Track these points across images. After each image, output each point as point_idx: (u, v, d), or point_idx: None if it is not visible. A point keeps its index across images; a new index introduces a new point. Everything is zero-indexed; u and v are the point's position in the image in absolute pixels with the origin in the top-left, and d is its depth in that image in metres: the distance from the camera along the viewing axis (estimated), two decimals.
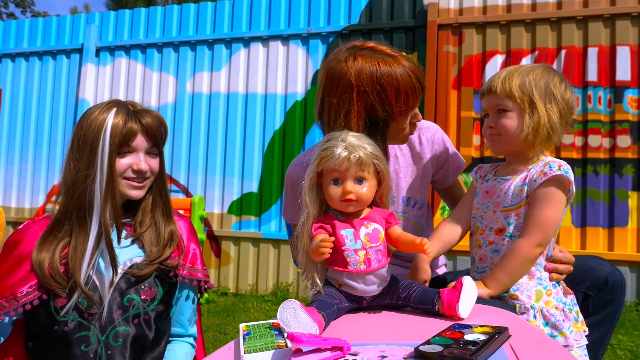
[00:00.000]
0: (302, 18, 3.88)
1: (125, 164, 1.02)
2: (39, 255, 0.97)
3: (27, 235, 1.02)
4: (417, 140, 1.29)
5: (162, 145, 1.09)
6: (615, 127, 3.16)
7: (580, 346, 1.01)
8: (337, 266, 0.89)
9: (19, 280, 0.97)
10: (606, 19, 3.21)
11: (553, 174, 1.01)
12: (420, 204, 1.30)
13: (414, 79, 1.07)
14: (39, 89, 4.50)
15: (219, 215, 3.93)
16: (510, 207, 1.07)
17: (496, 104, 1.07)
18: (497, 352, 0.65)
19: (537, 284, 1.05)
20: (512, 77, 1.06)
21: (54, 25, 4.53)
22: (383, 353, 0.68)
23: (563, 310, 1.02)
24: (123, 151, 1.02)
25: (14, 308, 0.94)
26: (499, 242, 1.07)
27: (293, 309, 0.76)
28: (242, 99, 3.97)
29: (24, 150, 4.47)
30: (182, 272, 1.06)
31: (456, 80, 3.48)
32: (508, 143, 1.07)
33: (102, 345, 0.97)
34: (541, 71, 1.07)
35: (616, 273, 1.12)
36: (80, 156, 1.00)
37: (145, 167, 1.03)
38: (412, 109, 1.10)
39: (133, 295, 1.01)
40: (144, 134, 1.03)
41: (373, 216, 0.92)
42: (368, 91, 1.04)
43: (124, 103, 1.05)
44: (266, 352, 0.70)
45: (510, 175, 1.09)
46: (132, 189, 1.04)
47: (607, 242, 3.14)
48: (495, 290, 1.01)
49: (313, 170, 0.91)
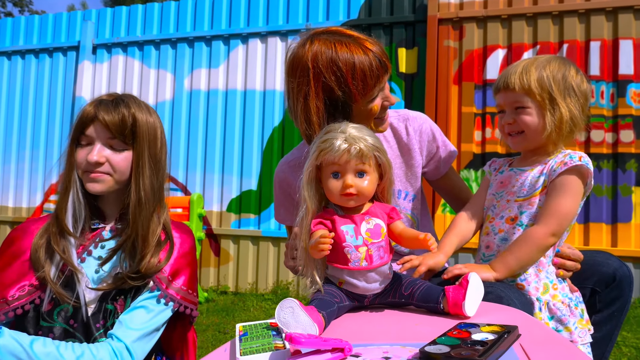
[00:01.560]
0: (300, 14, 3.84)
1: (81, 155, 0.98)
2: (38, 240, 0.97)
3: (23, 233, 1.00)
4: (404, 131, 1.26)
5: (129, 140, 0.99)
6: (619, 121, 3.12)
7: (584, 343, 1.00)
8: (337, 263, 0.86)
9: (12, 281, 0.94)
10: (609, 12, 3.17)
11: (574, 163, 1.00)
12: (412, 196, 1.26)
13: (371, 57, 1.04)
14: (35, 87, 4.46)
15: (218, 213, 3.90)
16: (526, 197, 1.05)
17: (514, 101, 1.05)
18: (507, 352, 0.62)
19: (545, 277, 1.03)
20: (529, 72, 1.03)
21: (50, 22, 4.48)
22: (386, 354, 0.65)
23: (569, 305, 1.01)
24: (82, 142, 0.98)
25: (4, 312, 0.92)
26: (509, 230, 1.06)
27: (292, 308, 0.72)
28: (241, 96, 3.93)
29: (20, 149, 4.43)
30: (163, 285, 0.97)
31: (457, 76, 3.44)
32: (531, 140, 1.05)
33: None
34: (557, 64, 1.05)
35: (624, 268, 1.09)
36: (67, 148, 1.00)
37: (96, 158, 0.95)
38: (372, 89, 1.06)
39: (109, 305, 0.97)
40: (98, 124, 0.97)
41: (374, 211, 0.88)
42: (323, 71, 1.03)
43: (109, 94, 1.02)
44: (263, 354, 0.66)
45: (527, 167, 1.08)
46: (88, 182, 0.98)
47: (611, 238, 3.11)
48: (501, 275, 0.99)
49: (312, 164, 0.87)
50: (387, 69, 1.08)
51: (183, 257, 1.03)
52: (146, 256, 0.96)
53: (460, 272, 0.97)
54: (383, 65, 1.06)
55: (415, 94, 3.54)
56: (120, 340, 0.91)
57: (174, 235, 1.04)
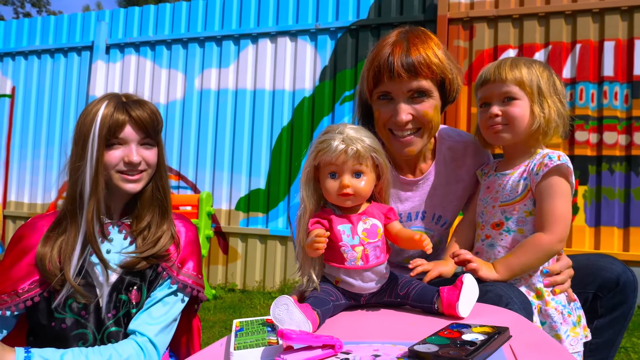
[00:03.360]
0: (310, 14, 3.85)
1: (116, 156, 1.00)
2: (42, 249, 0.97)
3: (31, 229, 1.02)
4: (463, 159, 1.22)
5: (156, 136, 1.05)
6: (632, 123, 3.06)
7: (575, 352, 0.99)
8: (334, 262, 0.87)
9: (22, 276, 0.97)
10: (624, 12, 3.11)
11: (554, 164, 1.00)
12: (449, 223, 1.24)
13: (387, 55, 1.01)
14: (50, 86, 4.56)
15: (226, 211, 3.94)
16: (508, 202, 1.06)
17: (504, 92, 1.04)
18: (496, 353, 0.62)
19: (538, 281, 1.03)
20: (518, 66, 1.04)
21: (65, 23, 4.58)
22: (377, 352, 0.65)
23: (562, 313, 1.00)
24: (113, 143, 1.00)
25: (15, 303, 0.95)
26: (495, 236, 1.06)
27: (286, 305, 0.74)
28: (250, 95, 3.96)
29: (36, 146, 4.53)
30: (174, 272, 1.02)
31: (467, 76, 3.41)
32: (516, 133, 1.04)
33: (98, 343, 0.97)
34: (540, 64, 1.07)
35: (628, 273, 1.07)
36: (75, 149, 1.01)
37: (137, 158, 1.00)
38: (379, 87, 1.04)
39: (123, 295, 0.99)
40: (133, 125, 1.00)
41: (372, 211, 0.89)
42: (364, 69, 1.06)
43: (117, 95, 1.04)
44: (256, 349, 0.68)
45: (508, 170, 1.08)
46: (126, 183, 1.01)
47: (622, 242, 3.05)
48: (502, 277, 0.99)
49: (310, 164, 0.88)
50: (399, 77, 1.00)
51: (190, 245, 1.08)
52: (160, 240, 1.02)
53: (470, 259, 0.99)
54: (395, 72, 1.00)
55: None
56: (143, 334, 0.96)
57: (177, 224, 1.10)
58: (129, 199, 1.06)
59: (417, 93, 1.04)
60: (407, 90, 1.03)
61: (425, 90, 1.04)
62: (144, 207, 1.05)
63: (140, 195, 1.05)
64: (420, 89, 1.03)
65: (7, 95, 4.67)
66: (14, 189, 4.56)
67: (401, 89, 1.03)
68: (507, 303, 0.88)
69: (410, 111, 1.04)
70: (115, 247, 1.02)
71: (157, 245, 1.01)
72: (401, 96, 1.04)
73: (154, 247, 1.01)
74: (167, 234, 1.04)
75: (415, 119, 1.06)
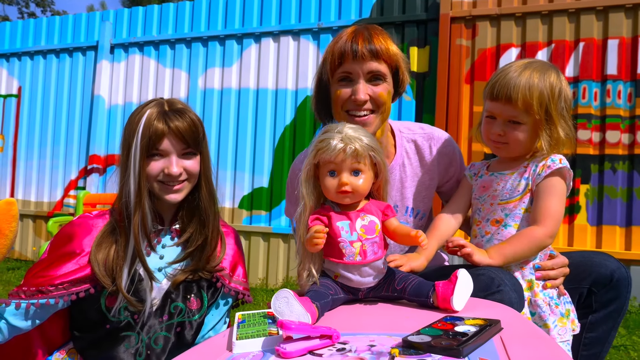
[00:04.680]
0: (312, 13, 3.87)
1: (157, 167, 0.99)
2: (96, 256, 0.97)
3: (82, 229, 1.02)
4: (428, 150, 1.27)
5: (198, 145, 1.03)
6: (636, 122, 3.06)
7: (563, 341, 1.03)
8: (333, 257, 0.89)
9: (70, 272, 0.97)
10: (628, 9, 3.10)
11: (556, 166, 1.06)
12: (422, 214, 1.29)
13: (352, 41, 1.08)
14: (56, 85, 4.61)
15: (230, 210, 3.97)
16: (509, 200, 1.09)
17: (511, 115, 1.06)
18: (487, 344, 0.65)
19: (530, 274, 1.06)
20: (531, 88, 1.02)
21: (70, 23, 4.63)
22: (372, 342, 0.68)
23: (549, 304, 1.04)
24: (154, 154, 0.99)
25: (60, 295, 0.95)
26: (494, 232, 1.10)
27: (286, 298, 0.76)
28: (253, 95, 3.99)
29: (42, 145, 4.59)
30: (227, 282, 1.07)
31: (469, 75, 3.42)
32: (513, 152, 1.10)
33: (144, 345, 0.99)
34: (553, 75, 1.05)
35: (622, 269, 1.10)
36: (122, 158, 1.01)
37: (177, 170, 0.99)
38: (341, 67, 1.10)
39: (179, 303, 1.02)
40: (172, 136, 0.98)
41: (370, 208, 0.91)
42: (326, 51, 1.12)
43: (161, 102, 1.02)
44: (257, 339, 0.71)
45: (507, 170, 1.12)
46: (167, 193, 1.01)
47: (625, 241, 3.05)
48: (495, 262, 1.03)
49: (310, 162, 0.91)
50: (376, 56, 1.09)
51: (238, 251, 1.12)
52: (214, 250, 1.05)
53: (464, 244, 1.03)
54: (371, 51, 1.08)
55: (427, 93, 3.54)
56: None
57: (223, 230, 1.12)
58: (179, 205, 1.06)
59: (374, 77, 1.12)
60: (367, 71, 1.11)
61: (382, 74, 1.12)
62: (188, 217, 1.05)
63: (183, 204, 1.05)
64: (378, 72, 1.11)
65: (13, 95, 4.72)
66: (20, 187, 4.62)
67: (362, 69, 1.11)
68: (499, 285, 0.91)
69: (368, 91, 1.12)
70: (168, 254, 1.04)
71: (203, 258, 1.03)
72: (361, 77, 1.12)
73: (199, 258, 1.03)
74: (208, 243, 1.04)
75: (372, 99, 1.13)
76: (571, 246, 3.10)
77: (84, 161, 4.42)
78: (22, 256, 4.53)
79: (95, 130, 4.32)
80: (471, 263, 1.02)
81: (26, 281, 0.98)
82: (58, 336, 1.02)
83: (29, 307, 0.94)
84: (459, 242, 1.03)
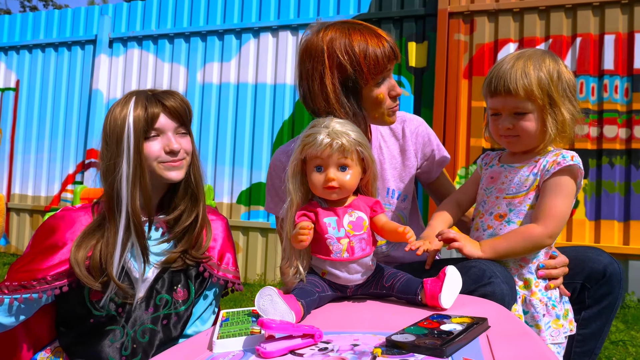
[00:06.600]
0: (311, 8, 3.84)
1: (156, 147, 1.00)
2: (77, 253, 0.95)
3: (64, 222, 1.01)
4: (401, 132, 1.28)
5: (189, 124, 1.06)
6: (633, 117, 3.04)
7: (555, 343, 1.00)
8: (320, 254, 0.88)
9: (53, 265, 0.96)
10: (624, 5, 3.08)
11: (567, 163, 1.01)
12: (404, 196, 1.28)
13: (383, 42, 1.09)
14: (54, 79, 4.59)
15: (228, 205, 3.97)
16: (515, 195, 1.06)
17: (514, 107, 1.03)
18: (472, 343, 0.64)
19: (528, 272, 1.04)
20: (529, 75, 1.00)
21: (69, 17, 4.60)
22: (356, 341, 0.67)
23: (546, 305, 1.01)
24: (151, 135, 1.00)
25: (43, 290, 0.94)
26: (497, 227, 1.07)
27: (270, 296, 0.76)
28: (252, 89, 3.97)
29: (40, 139, 4.58)
30: (214, 271, 1.06)
31: (467, 70, 3.40)
32: (528, 144, 1.05)
33: (130, 338, 0.98)
34: (550, 60, 1.03)
35: (614, 264, 1.09)
36: (108, 149, 0.99)
37: (177, 146, 1.01)
38: (381, 72, 1.09)
39: (165, 295, 1.01)
40: (167, 114, 1.01)
41: (358, 204, 0.90)
42: (337, 52, 1.07)
43: (142, 91, 1.03)
44: (238, 338, 0.70)
45: (517, 163, 1.08)
46: (170, 170, 1.01)
47: (623, 235, 3.05)
48: (487, 256, 1.01)
49: (296, 157, 0.90)
50: (397, 56, 1.12)
51: (227, 239, 1.12)
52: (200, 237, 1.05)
53: (454, 237, 1.01)
54: (394, 52, 1.10)
55: (425, 88, 3.51)
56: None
57: (210, 217, 1.11)
58: (164, 194, 1.06)
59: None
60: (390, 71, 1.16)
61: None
62: (179, 197, 1.05)
63: (175, 185, 1.05)
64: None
65: (11, 89, 4.71)
66: (18, 181, 4.62)
67: (390, 70, 1.15)
68: (490, 277, 0.90)
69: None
70: (153, 244, 1.02)
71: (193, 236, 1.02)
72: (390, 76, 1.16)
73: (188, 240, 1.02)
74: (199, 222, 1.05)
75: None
76: (569, 241, 3.09)
77: (81, 155, 4.41)
78: (19, 251, 4.53)
79: (94, 125, 4.31)
80: (463, 255, 1.01)
81: (9, 276, 0.97)
82: (44, 333, 1.02)
83: (12, 302, 0.93)
84: (448, 235, 1.01)
